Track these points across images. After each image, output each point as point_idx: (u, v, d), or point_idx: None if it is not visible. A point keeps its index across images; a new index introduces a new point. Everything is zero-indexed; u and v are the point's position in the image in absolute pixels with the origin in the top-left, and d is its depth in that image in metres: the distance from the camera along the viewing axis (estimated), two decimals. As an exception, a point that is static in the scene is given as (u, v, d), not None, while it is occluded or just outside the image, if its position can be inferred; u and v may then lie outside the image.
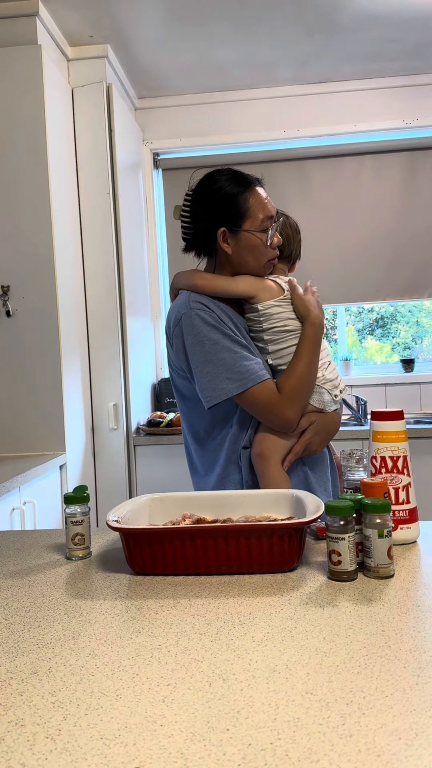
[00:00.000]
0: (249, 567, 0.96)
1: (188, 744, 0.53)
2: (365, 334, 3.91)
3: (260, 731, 0.55)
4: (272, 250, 1.42)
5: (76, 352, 2.82)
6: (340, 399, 1.44)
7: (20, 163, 2.56)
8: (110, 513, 1.01)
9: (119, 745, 0.54)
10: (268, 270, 1.45)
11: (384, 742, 0.52)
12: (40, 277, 2.56)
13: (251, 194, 1.39)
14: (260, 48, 3.10)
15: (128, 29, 2.90)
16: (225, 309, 1.41)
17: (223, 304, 1.42)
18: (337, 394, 1.42)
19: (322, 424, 1.41)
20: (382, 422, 1.09)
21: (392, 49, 3.18)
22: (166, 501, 1.16)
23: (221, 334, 1.35)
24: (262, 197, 1.40)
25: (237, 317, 1.43)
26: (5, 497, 2.01)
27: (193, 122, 3.57)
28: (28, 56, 2.55)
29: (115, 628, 0.78)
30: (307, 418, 1.39)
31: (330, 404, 1.41)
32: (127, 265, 3.08)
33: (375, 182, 3.57)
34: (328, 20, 2.89)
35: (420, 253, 3.55)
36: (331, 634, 0.73)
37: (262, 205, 1.39)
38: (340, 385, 1.44)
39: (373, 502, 0.92)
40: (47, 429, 2.58)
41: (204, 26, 2.89)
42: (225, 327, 1.36)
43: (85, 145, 2.97)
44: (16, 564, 1.07)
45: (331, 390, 1.41)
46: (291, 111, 3.52)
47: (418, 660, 0.66)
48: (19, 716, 0.59)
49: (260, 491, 1.17)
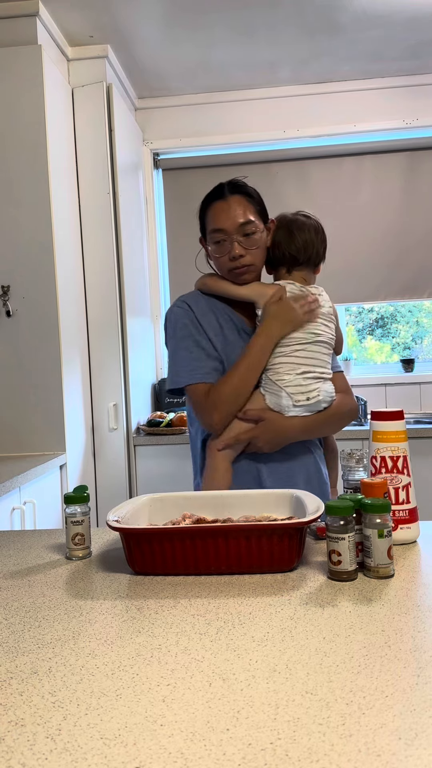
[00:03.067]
0: (249, 567, 0.96)
1: (188, 744, 0.53)
2: (365, 334, 3.91)
3: (260, 731, 0.55)
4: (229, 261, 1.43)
5: (76, 352, 2.82)
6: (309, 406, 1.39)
7: (20, 163, 2.56)
8: (110, 513, 1.01)
9: (119, 745, 0.54)
10: (237, 279, 1.46)
11: (384, 742, 0.52)
12: (40, 277, 2.56)
13: (211, 208, 1.46)
14: (260, 48, 3.10)
15: (128, 29, 2.90)
16: (221, 309, 1.51)
17: (223, 304, 1.52)
18: (299, 400, 1.38)
19: (275, 425, 1.40)
20: (382, 422, 1.09)
21: (392, 49, 3.18)
22: (166, 501, 1.16)
23: (185, 334, 1.47)
24: (217, 211, 1.44)
25: (236, 317, 1.51)
26: (5, 497, 2.01)
27: (193, 122, 3.57)
28: (28, 56, 2.55)
29: (115, 628, 0.78)
30: (259, 412, 1.40)
31: (288, 409, 1.38)
32: (127, 265, 3.08)
33: (375, 182, 3.57)
34: (328, 20, 2.89)
35: (420, 253, 3.55)
36: (331, 634, 0.73)
37: (213, 219, 1.45)
38: (312, 393, 1.39)
39: (373, 502, 0.92)
40: (47, 429, 2.58)
41: (204, 26, 2.89)
42: (195, 327, 1.47)
43: (85, 145, 2.97)
44: (16, 564, 1.07)
45: (293, 394, 1.38)
46: (291, 111, 3.52)
47: (418, 660, 0.66)
48: (19, 716, 0.59)
49: (260, 491, 1.17)
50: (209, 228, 1.46)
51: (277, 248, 1.49)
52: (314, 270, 1.53)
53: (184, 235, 3.52)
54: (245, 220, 1.42)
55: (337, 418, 1.48)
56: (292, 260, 1.48)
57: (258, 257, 1.46)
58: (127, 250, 3.10)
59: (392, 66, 3.36)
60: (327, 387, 1.43)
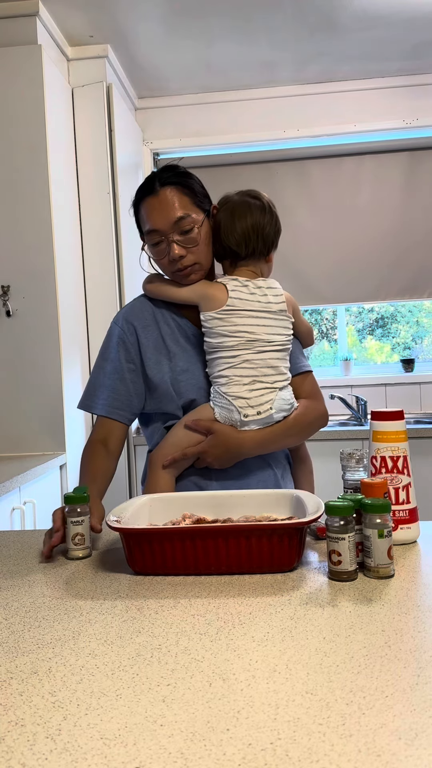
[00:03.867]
0: (249, 567, 0.96)
1: (188, 744, 0.53)
2: (365, 334, 3.91)
3: (260, 731, 0.55)
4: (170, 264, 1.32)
5: (76, 353, 2.82)
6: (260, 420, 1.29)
7: (20, 163, 2.56)
8: (110, 513, 1.01)
9: (119, 745, 0.54)
10: (183, 280, 1.34)
11: (384, 742, 0.52)
12: (40, 277, 2.56)
13: (142, 206, 1.33)
14: (260, 48, 3.10)
15: (128, 29, 2.90)
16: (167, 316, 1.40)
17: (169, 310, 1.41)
18: (249, 415, 1.27)
19: (226, 438, 1.28)
20: (382, 422, 1.09)
21: (392, 49, 3.18)
22: (166, 501, 1.15)
23: (108, 357, 1.40)
24: (149, 209, 1.31)
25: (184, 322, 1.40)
26: (5, 497, 2.01)
27: (193, 122, 3.57)
28: (28, 56, 2.55)
29: (115, 628, 0.78)
30: (208, 423, 1.29)
31: (239, 424, 1.28)
32: (127, 265, 3.08)
33: (375, 182, 3.57)
34: (328, 20, 2.89)
35: (420, 253, 3.55)
36: (331, 634, 0.73)
37: (145, 218, 1.32)
38: (263, 406, 1.28)
39: (373, 502, 0.92)
40: (47, 429, 2.58)
41: (204, 26, 2.89)
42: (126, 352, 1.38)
43: (85, 145, 2.97)
44: (16, 564, 1.07)
45: (241, 408, 1.27)
46: (291, 111, 3.52)
47: (418, 660, 0.66)
48: (19, 716, 0.59)
49: (260, 491, 1.17)
50: (144, 228, 1.33)
51: (217, 239, 1.34)
52: (265, 259, 1.36)
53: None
54: (180, 216, 1.28)
55: (298, 429, 1.34)
56: (233, 254, 1.33)
57: (202, 253, 1.32)
58: (127, 250, 3.10)
59: (392, 66, 3.36)
60: (283, 395, 1.31)
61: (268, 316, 1.31)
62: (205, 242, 1.33)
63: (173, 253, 1.29)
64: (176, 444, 1.31)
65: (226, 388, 1.28)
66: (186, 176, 1.34)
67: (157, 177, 1.32)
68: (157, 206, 1.29)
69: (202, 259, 1.33)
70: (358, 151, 3.57)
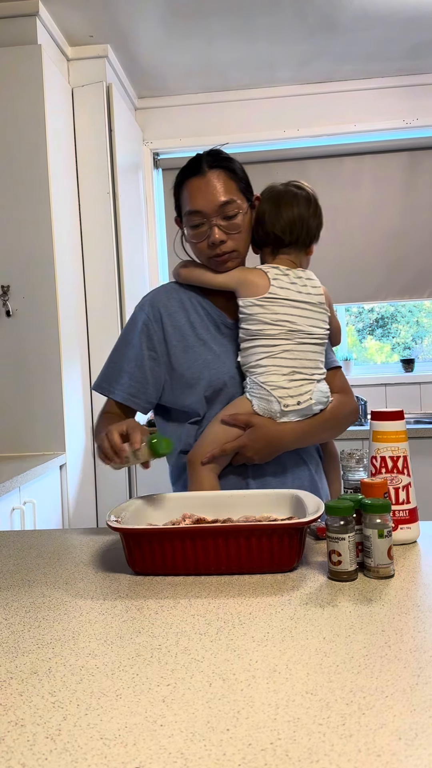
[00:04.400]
0: (249, 567, 0.96)
1: (188, 744, 0.53)
2: (365, 334, 3.91)
3: (260, 731, 0.55)
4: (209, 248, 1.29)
5: (76, 352, 2.82)
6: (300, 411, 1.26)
7: (20, 163, 2.56)
8: (110, 513, 1.01)
9: (119, 745, 0.54)
10: (219, 267, 1.32)
11: (384, 742, 0.52)
12: (40, 277, 2.56)
13: (186, 185, 1.30)
14: (260, 48, 3.10)
15: (128, 29, 2.90)
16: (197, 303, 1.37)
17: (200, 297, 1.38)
18: (289, 405, 1.25)
19: (265, 432, 1.25)
20: (382, 422, 1.09)
21: (392, 49, 3.18)
22: (166, 501, 1.15)
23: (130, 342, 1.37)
24: (194, 189, 1.28)
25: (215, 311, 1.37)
26: (5, 497, 2.01)
27: (193, 122, 3.57)
28: (28, 56, 2.55)
29: (115, 628, 0.78)
30: (247, 417, 1.26)
31: (278, 415, 1.25)
32: (127, 265, 3.08)
33: (375, 182, 3.57)
34: (328, 20, 2.89)
35: (420, 253, 3.55)
36: (331, 634, 0.73)
37: (189, 198, 1.28)
38: (303, 396, 1.26)
39: (373, 502, 0.92)
40: (47, 429, 2.58)
41: (204, 26, 2.89)
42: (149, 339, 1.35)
43: (85, 145, 2.97)
44: (16, 564, 1.07)
45: (281, 398, 1.24)
46: (291, 111, 3.52)
47: (418, 660, 0.66)
48: (19, 716, 0.59)
49: (260, 491, 1.17)
50: (185, 209, 1.29)
51: (261, 226, 1.32)
52: (306, 251, 1.35)
53: (184, 235, 3.52)
54: (226, 200, 1.26)
55: (334, 422, 1.33)
56: (277, 241, 1.31)
57: (242, 242, 1.30)
58: (127, 250, 3.10)
59: (392, 66, 3.36)
60: (321, 387, 1.30)
61: (309, 307, 1.30)
62: (246, 230, 1.31)
63: (214, 236, 1.27)
64: (214, 440, 1.27)
65: (264, 377, 1.26)
66: (232, 162, 1.32)
67: (204, 158, 1.30)
68: (203, 187, 1.27)
69: (241, 246, 1.31)
70: (358, 151, 3.57)
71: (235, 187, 1.29)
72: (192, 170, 1.29)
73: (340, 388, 1.40)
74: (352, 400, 1.41)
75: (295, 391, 1.26)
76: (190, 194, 1.28)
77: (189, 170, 1.30)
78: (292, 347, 1.27)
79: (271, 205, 1.32)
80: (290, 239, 1.31)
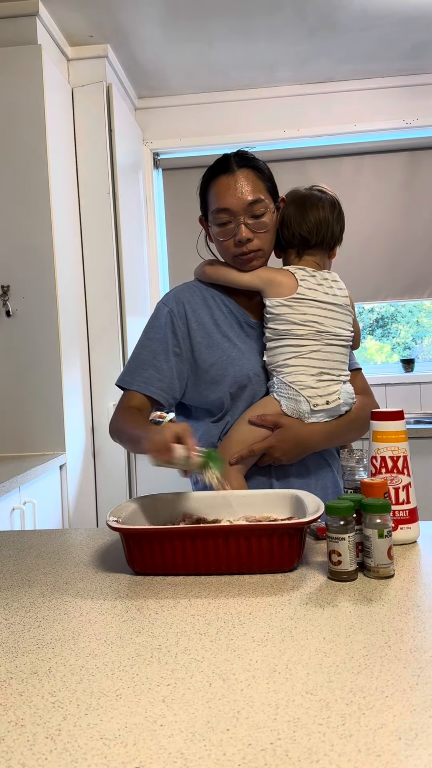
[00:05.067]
0: (249, 567, 0.96)
1: (188, 744, 0.53)
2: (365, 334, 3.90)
3: (260, 731, 0.55)
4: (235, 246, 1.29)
5: (76, 352, 2.82)
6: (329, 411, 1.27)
7: (20, 163, 2.56)
8: (110, 513, 1.01)
9: (119, 745, 0.54)
10: (244, 266, 1.32)
11: (384, 742, 0.52)
12: (40, 277, 2.56)
13: (215, 183, 1.30)
14: (260, 48, 3.10)
15: (128, 29, 2.90)
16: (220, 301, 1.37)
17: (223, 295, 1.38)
18: (318, 404, 1.25)
19: (294, 432, 1.25)
20: (382, 422, 1.09)
21: (392, 49, 3.18)
22: (166, 501, 1.15)
23: (155, 337, 1.35)
24: (222, 187, 1.28)
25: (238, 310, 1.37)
26: (5, 497, 2.01)
27: (193, 122, 3.57)
28: (28, 56, 2.55)
29: (115, 628, 0.78)
30: (275, 417, 1.26)
31: (307, 415, 1.26)
32: (127, 265, 3.08)
33: (375, 182, 3.57)
34: (328, 20, 2.89)
35: (420, 253, 3.55)
36: (331, 634, 0.73)
37: (217, 196, 1.29)
38: (332, 396, 1.27)
39: (373, 502, 0.92)
40: (47, 429, 2.58)
41: (204, 26, 2.89)
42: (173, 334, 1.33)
43: (85, 145, 2.97)
44: (16, 564, 1.07)
45: (311, 398, 1.25)
46: (291, 111, 3.52)
47: (418, 660, 0.66)
48: (19, 716, 0.59)
49: (260, 491, 1.17)
50: (212, 207, 1.30)
51: (286, 227, 1.33)
52: (329, 253, 1.38)
53: (185, 234, 3.52)
54: (255, 199, 1.27)
55: (359, 423, 1.33)
56: (302, 242, 1.33)
57: (267, 242, 1.31)
58: (127, 250, 3.10)
59: (392, 66, 3.36)
60: (347, 388, 1.31)
61: (335, 309, 1.31)
62: (272, 231, 1.33)
63: (241, 234, 1.27)
64: (241, 441, 1.26)
65: (292, 377, 1.26)
66: (260, 162, 1.34)
67: (232, 157, 1.31)
68: (232, 185, 1.28)
69: (266, 246, 1.32)
70: (358, 151, 3.57)
71: (263, 187, 1.31)
72: (221, 169, 1.30)
73: (362, 390, 1.41)
74: (373, 401, 1.43)
75: (324, 391, 1.27)
76: (218, 192, 1.29)
77: (217, 168, 1.31)
78: (320, 348, 1.28)
79: (297, 207, 1.34)
80: (315, 240, 1.33)
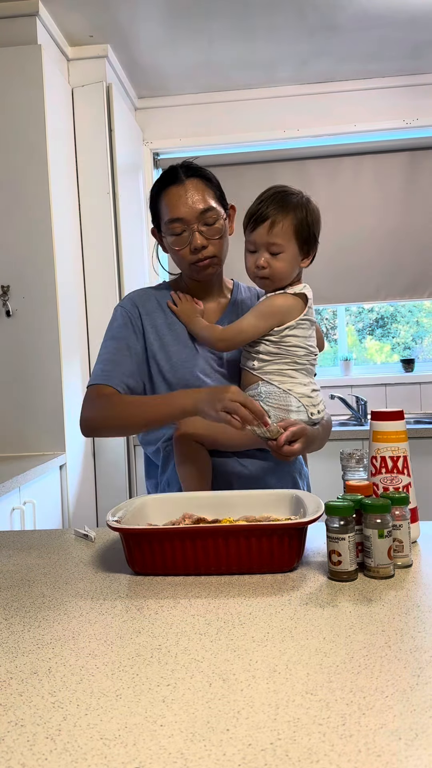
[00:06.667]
0: (249, 567, 0.96)
1: (188, 744, 0.53)
2: (365, 334, 3.91)
3: (260, 731, 0.55)
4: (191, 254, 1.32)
5: (76, 352, 2.82)
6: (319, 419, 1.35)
7: (20, 163, 2.56)
8: (110, 513, 1.01)
9: (119, 745, 0.54)
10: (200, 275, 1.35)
11: (384, 742, 0.52)
12: (40, 277, 2.56)
13: (165, 195, 1.33)
14: (260, 48, 3.10)
15: (128, 29, 2.90)
16: None
17: None
18: (313, 413, 1.33)
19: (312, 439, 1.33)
20: (382, 422, 1.09)
21: (392, 49, 3.18)
22: (166, 501, 1.15)
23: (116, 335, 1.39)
24: (173, 198, 1.31)
25: None
26: (5, 497, 2.01)
27: (193, 122, 3.57)
28: (28, 56, 2.55)
29: (115, 628, 0.78)
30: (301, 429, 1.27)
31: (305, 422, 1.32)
32: (127, 265, 3.08)
33: (375, 182, 3.57)
34: (328, 20, 2.89)
35: (420, 253, 3.55)
36: (331, 634, 0.73)
37: (169, 207, 1.32)
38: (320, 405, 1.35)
39: (374, 502, 0.92)
40: (47, 429, 2.58)
41: (204, 26, 2.89)
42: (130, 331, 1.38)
43: (85, 145, 2.97)
44: (16, 564, 1.07)
45: (308, 407, 1.32)
46: (291, 111, 3.52)
47: (418, 660, 0.66)
48: (19, 716, 0.59)
49: (260, 491, 1.17)
50: (165, 217, 1.32)
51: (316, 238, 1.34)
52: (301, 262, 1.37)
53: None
54: (206, 207, 1.30)
55: (328, 431, 1.42)
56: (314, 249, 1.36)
57: (221, 248, 1.35)
58: (127, 250, 3.10)
59: (392, 66, 3.36)
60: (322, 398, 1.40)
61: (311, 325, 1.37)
62: (225, 237, 1.36)
63: (196, 242, 1.30)
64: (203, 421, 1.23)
65: (289, 386, 1.31)
66: (207, 171, 1.37)
67: (180, 168, 1.34)
68: (183, 195, 1.31)
69: (220, 252, 1.35)
70: (358, 151, 3.57)
71: (212, 195, 1.34)
72: (170, 180, 1.33)
73: None
74: None
75: (313, 401, 1.34)
76: (169, 203, 1.32)
77: (167, 180, 1.34)
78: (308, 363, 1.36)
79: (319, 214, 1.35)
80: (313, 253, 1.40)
